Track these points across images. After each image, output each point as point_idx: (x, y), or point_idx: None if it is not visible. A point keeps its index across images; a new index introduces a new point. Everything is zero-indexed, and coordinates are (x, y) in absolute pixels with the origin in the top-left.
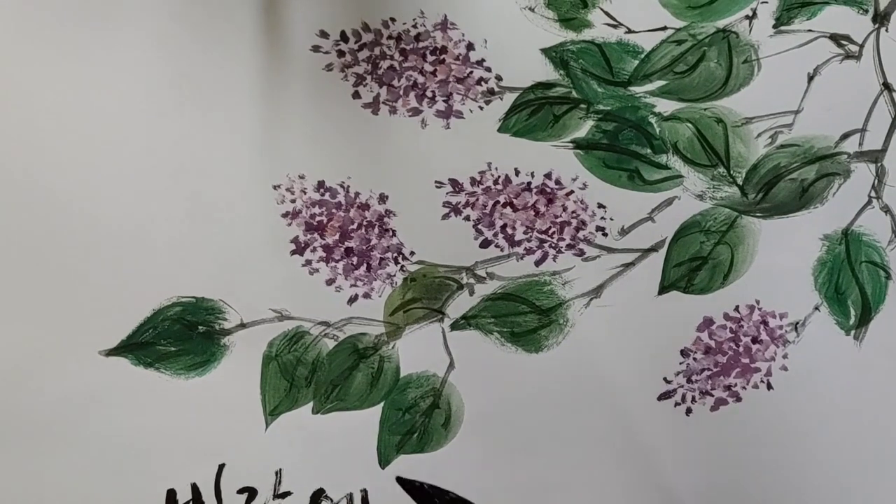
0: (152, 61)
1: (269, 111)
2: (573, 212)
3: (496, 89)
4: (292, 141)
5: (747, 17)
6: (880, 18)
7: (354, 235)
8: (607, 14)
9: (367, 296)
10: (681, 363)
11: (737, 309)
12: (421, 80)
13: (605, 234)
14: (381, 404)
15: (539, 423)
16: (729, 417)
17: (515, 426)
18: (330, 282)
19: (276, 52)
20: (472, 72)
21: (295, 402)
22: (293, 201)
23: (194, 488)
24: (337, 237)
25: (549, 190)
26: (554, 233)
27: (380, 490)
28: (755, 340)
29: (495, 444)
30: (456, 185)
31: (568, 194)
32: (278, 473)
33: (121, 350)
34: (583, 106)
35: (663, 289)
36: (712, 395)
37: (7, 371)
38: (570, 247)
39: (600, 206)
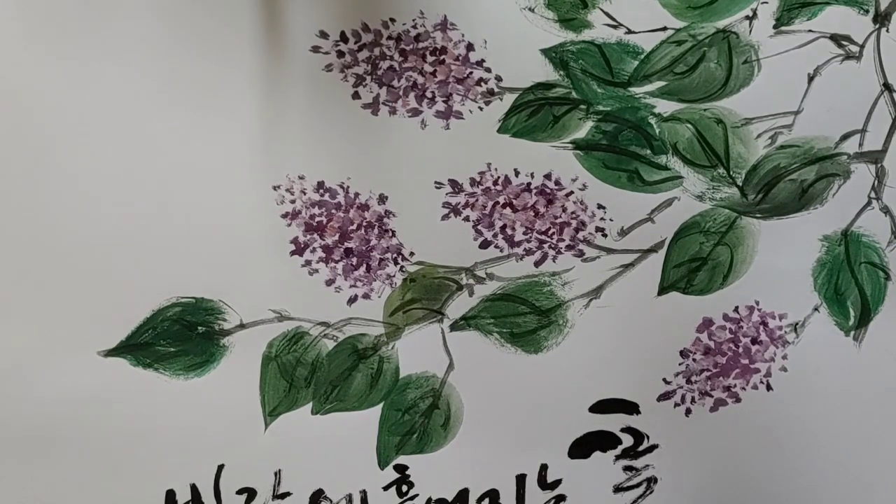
0: (151, 61)
1: (269, 111)
2: (573, 212)
3: (496, 90)
4: (292, 141)
5: (747, 17)
6: (881, 19)
7: (354, 236)
8: (607, 14)
9: (366, 296)
10: (680, 364)
11: (736, 310)
12: (421, 80)
13: (604, 235)
14: (381, 405)
15: (539, 423)
16: (728, 418)
17: (515, 426)
18: (329, 282)
19: (276, 52)
20: (471, 72)
21: (294, 402)
22: (293, 202)
23: (194, 489)
24: (336, 238)
25: (548, 191)
26: (553, 233)
27: (379, 491)
28: (755, 341)
29: (495, 445)
30: (455, 186)
31: (567, 195)
32: (278, 474)
33: (120, 351)
34: (582, 107)
35: (663, 289)
36: (712, 396)
37: (7, 371)
38: (569, 247)
39: (600, 206)
